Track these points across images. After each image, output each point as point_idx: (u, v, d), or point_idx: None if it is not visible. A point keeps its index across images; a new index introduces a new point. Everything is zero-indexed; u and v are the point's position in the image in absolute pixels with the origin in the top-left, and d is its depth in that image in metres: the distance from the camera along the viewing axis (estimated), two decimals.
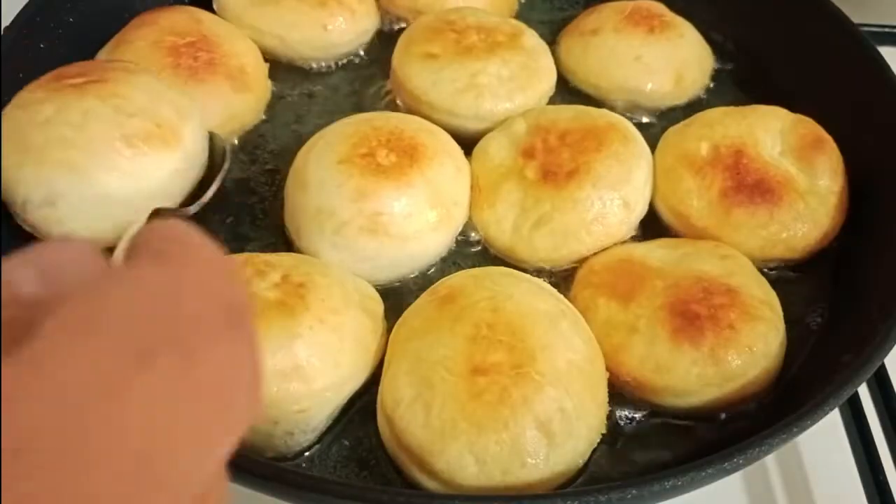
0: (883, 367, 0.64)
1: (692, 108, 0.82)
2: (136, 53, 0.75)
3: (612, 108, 0.80)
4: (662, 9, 0.87)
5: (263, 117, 0.80)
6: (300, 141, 0.72)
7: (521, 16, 0.93)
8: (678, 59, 0.83)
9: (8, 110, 0.65)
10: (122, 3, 0.82)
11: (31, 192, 0.62)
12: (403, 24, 0.88)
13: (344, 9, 0.85)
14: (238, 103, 0.77)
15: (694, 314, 0.60)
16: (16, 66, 0.70)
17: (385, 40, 0.88)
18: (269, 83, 0.82)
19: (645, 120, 0.83)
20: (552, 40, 0.88)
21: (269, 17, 0.83)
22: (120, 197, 0.63)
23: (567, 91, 0.85)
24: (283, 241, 0.70)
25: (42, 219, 0.63)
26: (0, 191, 0.64)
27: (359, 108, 0.80)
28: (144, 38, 0.76)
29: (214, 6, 0.85)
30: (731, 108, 0.76)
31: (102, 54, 0.78)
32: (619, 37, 0.84)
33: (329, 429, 0.59)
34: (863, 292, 0.65)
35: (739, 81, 0.87)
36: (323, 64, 0.86)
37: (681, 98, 0.84)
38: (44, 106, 0.63)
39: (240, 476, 0.47)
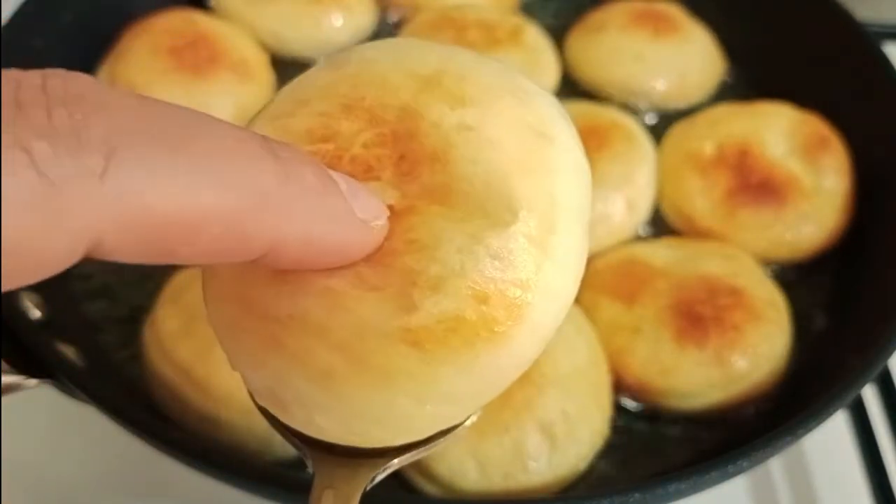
0: (887, 367, 0.63)
1: (696, 110, 0.80)
2: (137, 62, 0.75)
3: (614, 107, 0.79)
4: (675, 11, 0.85)
5: None
6: None
7: (527, 11, 0.91)
8: (682, 64, 0.81)
9: None
10: (120, 1, 0.81)
11: None
12: (402, 21, 0.87)
13: (341, 6, 0.84)
14: (245, 94, 0.77)
15: (698, 315, 0.59)
16: (13, 66, 0.69)
17: (384, 38, 0.87)
18: (271, 73, 0.81)
19: (647, 119, 0.82)
20: (559, 36, 0.86)
21: (265, 15, 0.82)
22: None
23: (572, 88, 0.83)
24: None
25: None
26: None
27: None
28: (144, 44, 0.76)
29: (211, 4, 0.85)
30: (735, 106, 0.75)
31: (103, 72, 0.77)
32: (623, 35, 0.82)
33: None
34: (868, 293, 0.64)
35: (745, 80, 0.86)
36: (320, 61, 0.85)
37: (683, 101, 0.82)
38: None
39: (239, 479, 0.47)
